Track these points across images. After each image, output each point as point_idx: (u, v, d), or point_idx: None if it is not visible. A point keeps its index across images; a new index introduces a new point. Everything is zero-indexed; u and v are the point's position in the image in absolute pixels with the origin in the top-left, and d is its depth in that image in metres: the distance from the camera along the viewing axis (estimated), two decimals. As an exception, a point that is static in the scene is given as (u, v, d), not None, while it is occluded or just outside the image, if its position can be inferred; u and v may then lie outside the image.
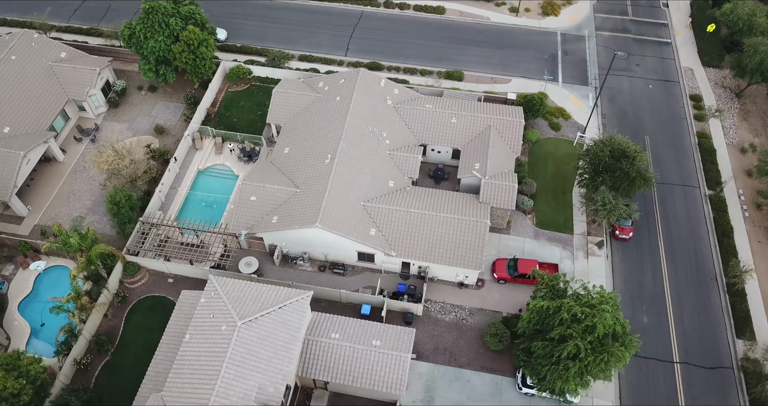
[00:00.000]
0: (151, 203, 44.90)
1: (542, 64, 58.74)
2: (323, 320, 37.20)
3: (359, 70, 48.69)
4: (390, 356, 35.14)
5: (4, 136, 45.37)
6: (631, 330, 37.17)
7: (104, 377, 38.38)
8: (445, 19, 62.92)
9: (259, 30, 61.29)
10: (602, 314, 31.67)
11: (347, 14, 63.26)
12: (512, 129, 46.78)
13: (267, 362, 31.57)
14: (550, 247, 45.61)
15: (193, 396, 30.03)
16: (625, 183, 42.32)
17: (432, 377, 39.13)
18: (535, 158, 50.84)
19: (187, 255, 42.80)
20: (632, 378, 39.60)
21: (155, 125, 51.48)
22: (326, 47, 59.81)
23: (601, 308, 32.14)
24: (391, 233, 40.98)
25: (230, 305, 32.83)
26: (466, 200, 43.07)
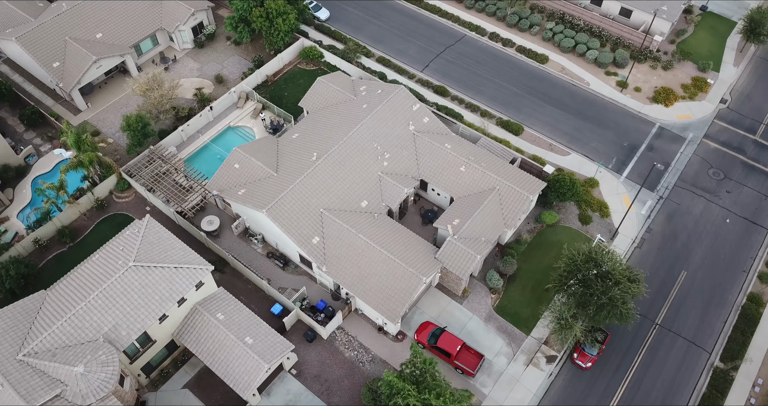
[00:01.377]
0: (168, 137, 49.62)
1: (616, 150, 52.63)
2: (224, 299, 38.57)
3: (399, 87, 48.16)
4: (250, 358, 35.44)
5: (96, 41, 53.05)
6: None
7: (52, 264, 44.02)
8: (542, 69, 59.01)
9: (360, 22, 63.11)
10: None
11: (448, 33, 62.30)
12: (516, 201, 43.11)
13: (134, 307, 33.91)
14: (494, 336, 41.70)
15: (61, 303, 33.57)
16: (593, 307, 36.96)
17: (296, 399, 38.63)
18: (540, 242, 46.32)
19: (169, 194, 46.78)
20: None
21: (218, 74, 56.27)
22: (409, 57, 59.77)
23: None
24: (333, 248, 40.66)
25: (138, 246, 35.67)
26: (422, 250, 41.00)
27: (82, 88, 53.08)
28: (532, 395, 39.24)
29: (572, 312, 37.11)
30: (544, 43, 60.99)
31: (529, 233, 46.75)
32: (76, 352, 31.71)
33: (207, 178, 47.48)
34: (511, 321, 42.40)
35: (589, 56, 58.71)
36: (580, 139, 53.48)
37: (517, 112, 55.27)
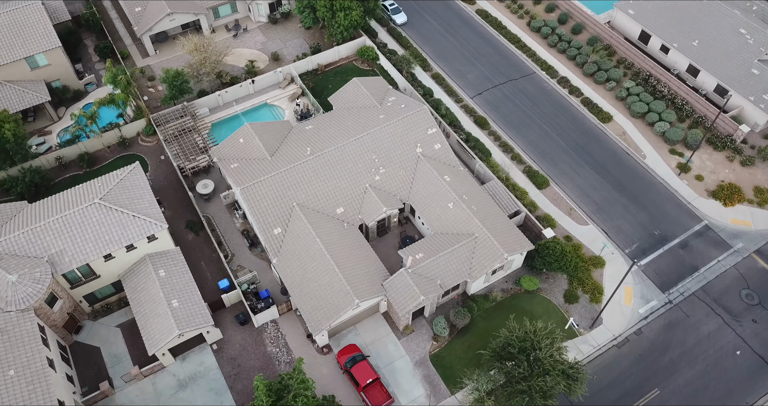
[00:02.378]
0: (204, 99, 52.80)
1: (642, 236, 47.35)
2: (175, 259, 40.69)
3: (422, 107, 47.02)
4: (167, 319, 37.09)
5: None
6: None
7: (65, 182, 48.88)
8: (600, 128, 54.40)
9: (434, 34, 62.33)
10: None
11: (518, 67, 59.49)
12: (490, 255, 40.49)
13: (84, 240, 37.06)
14: (417, 383, 39.85)
15: (29, 217, 37.92)
16: (510, 390, 33.90)
17: (204, 373, 39.78)
18: (510, 305, 43.17)
19: (182, 149, 49.92)
20: None
21: (276, 52, 58.66)
22: (465, 81, 58.09)
23: None
24: (290, 244, 41.07)
25: (111, 187, 38.78)
26: (373, 273, 40.07)
27: (156, 35, 58.05)
28: (427, 457, 37.21)
29: (490, 387, 34.42)
30: (615, 102, 56.16)
31: (503, 293, 43.77)
32: (19, 263, 35.34)
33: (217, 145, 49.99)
34: (441, 374, 40.23)
35: (658, 128, 53.10)
36: (607, 212, 48.81)
37: (551, 165, 51.66)
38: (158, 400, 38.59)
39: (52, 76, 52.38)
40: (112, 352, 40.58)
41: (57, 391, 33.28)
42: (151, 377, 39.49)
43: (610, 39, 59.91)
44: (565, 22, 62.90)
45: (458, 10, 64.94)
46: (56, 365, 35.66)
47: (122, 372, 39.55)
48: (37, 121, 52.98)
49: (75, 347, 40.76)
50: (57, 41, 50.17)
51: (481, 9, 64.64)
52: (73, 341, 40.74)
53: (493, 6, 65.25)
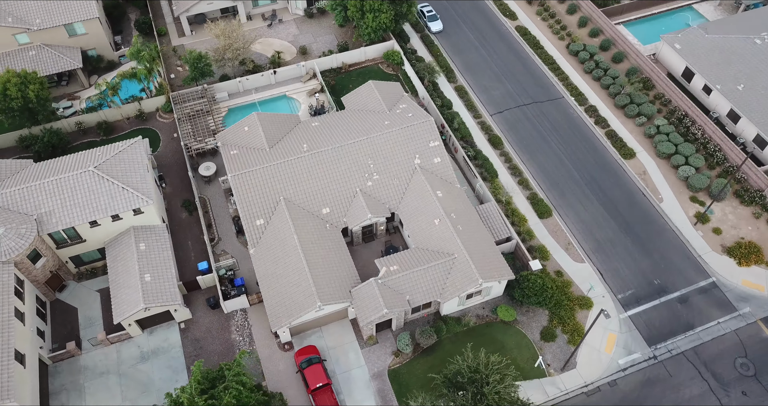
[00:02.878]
0: (225, 83, 54.14)
1: (639, 283, 44.82)
2: (159, 235, 42.01)
3: (428, 118, 46.26)
4: (136, 292, 38.35)
5: (221, -18, 59.41)
6: None
7: (81, 146, 51.25)
8: (620, 163, 51.75)
9: (467, 45, 61.33)
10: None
11: (546, 89, 57.56)
12: (465, 278, 39.40)
13: (72, 204, 38.91)
14: (370, 395, 39.37)
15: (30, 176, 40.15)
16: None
17: (167, 349, 40.81)
18: (481, 332, 41.90)
19: (194, 131, 51.37)
20: None
21: (305, 45, 59.35)
22: (488, 97, 56.80)
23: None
24: (269, 237, 41.46)
25: (108, 158, 40.47)
26: (345, 278, 39.89)
27: (195, 16, 60.01)
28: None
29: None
30: (641, 138, 53.41)
31: (477, 319, 42.56)
32: (8, 217, 37.46)
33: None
34: (396, 390, 39.59)
35: (682, 172, 50.09)
36: (608, 253, 46.52)
37: (558, 195, 49.75)
38: (118, 368, 39.95)
39: (88, 45, 55.14)
40: (88, 315, 42.33)
41: (18, 342, 35.03)
42: (117, 344, 40.93)
43: (651, 72, 57.02)
44: (606, 49, 60.41)
45: (497, 24, 63.66)
46: (27, 318, 37.57)
47: (93, 335, 41.19)
48: (69, 86, 55.92)
49: (55, 304, 42.79)
50: (95, 12, 52.72)
51: (521, 26, 63.05)
52: (55, 299, 42.79)
53: (534, 24, 63.54)
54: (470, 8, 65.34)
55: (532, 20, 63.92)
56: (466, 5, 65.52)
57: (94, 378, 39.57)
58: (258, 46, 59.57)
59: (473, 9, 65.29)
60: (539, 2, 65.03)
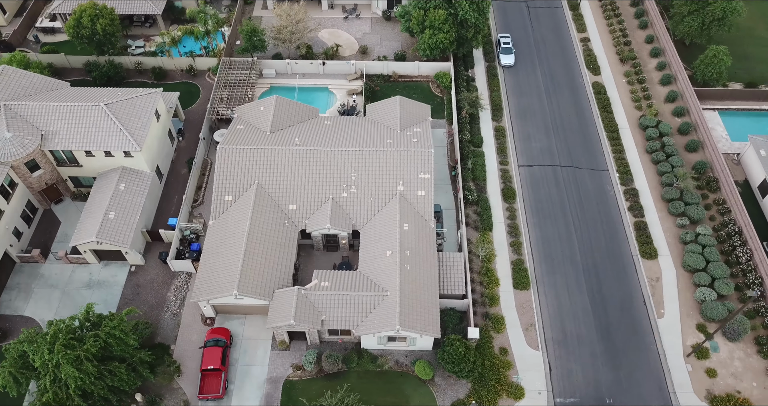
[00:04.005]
0: (274, 61, 56.46)
1: (589, 395, 40.00)
2: (141, 181, 45.27)
3: (428, 150, 44.54)
4: (93, 226, 41.83)
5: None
6: None
7: (130, 84, 56.35)
8: (633, 258, 46.19)
9: (532, 90, 58.07)
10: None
11: (593, 156, 52.82)
12: (384, 320, 37.75)
13: (75, 131, 43.17)
14: (258, 395, 39.53)
15: (55, 97, 44.95)
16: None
17: (109, 287, 44.11)
18: (390, 380, 40.03)
19: (228, 98, 54.25)
20: None
21: (367, 45, 59.84)
22: (527, 147, 53.47)
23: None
24: (230, 215, 42.82)
25: (122, 99, 44.41)
26: (277, 277, 40.20)
27: (280, -6, 63.11)
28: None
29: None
30: (673, 241, 47.13)
31: (395, 365, 40.72)
32: (21, 126, 42.62)
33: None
34: (283, 401, 39.28)
35: (699, 294, 43.47)
36: (570, 349, 41.98)
37: (547, 272, 45.70)
38: (65, 286, 43.98)
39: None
40: (66, 231, 46.95)
41: (-18, 235, 40.12)
42: (75, 265, 45.03)
43: (720, 173, 49.88)
44: (684, 133, 53.88)
45: (575, 74, 59.41)
46: (6, 216, 42.66)
47: (61, 249, 45.77)
48: (150, 29, 61.70)
49: (47, 213, 47.96)
50: (185, -31, 57.53)
51: (600, 83, 58.26)
52: (48, 208, 48.05)
53: (615, 85, 58.42)
54: (555, 51, 61.68)
55: (615, 80, 58.78)
56: (554, 47, 61.91)
57: (43, 287, 43.99)
58: (325, 34, 61.19)
59: (558, 53, 61.55)
60: (633, 64, 59.50)
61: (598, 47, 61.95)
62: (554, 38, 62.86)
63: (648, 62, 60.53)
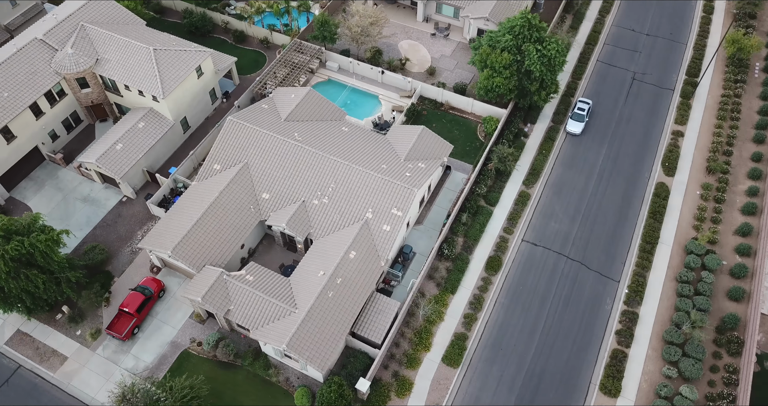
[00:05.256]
0: (340, 56, 57.69)
1: None
2: (160, 125, 49.52)
3: (411, 189, 42.73)
4: (102, 146, 46.88)
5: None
6: None
7: (210, 40, 61.29)
8: (589, 388, 40.69)
9: (582, 163, 52.96)
10: None
11: (611, 259, 47.01)
12: (279, 335, 37.63)
13: (121, 64, 48.37)
14: (157, 353, 41.87)
15: (122, 33, 50.58)
16: None
17: (93, 211, 49.16)
18: (270, 392, 40.03)
19: (282, 76, 56.52)
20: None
21: (435, 66, 58.69)
22: (541, 222, 49.12)
23: None
24: (209, 182, 45.23)
25: (173, 51, 48.69)
26: (218, 253, 41.93)
27: (385, -6, 64.00)
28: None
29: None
30: (646, 387, 40.74)
31: (283, 380, 40.49)
32: (82, 47, 48.74)
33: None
34: (174, 367, 41.08)
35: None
36: None
37: (486, 359, 42.15)
38: (68, 193, 49.56)
39: (285, -31, 64.13)
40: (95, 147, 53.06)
41: (15, 125, 46.71)
42: (83, 178, 50.55)
43: (749, 338, 41.67)
44: (737, 277, 45.66)
45: (641, 168, 52.81)
46: (45, 117, 49.20)
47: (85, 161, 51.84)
48: (255, -6, 66.34)
49: (89, 128, 54.27)
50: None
51: (666, 186, 51.15)
52: (92, 124, 54.44)
53: (683, 193, 50.97)
54: (636, 134, 55.29)
55: (687, 188, 51.33)
56: (637, 130, 55.49)
57: (52, 188, 50.25)
58: (405, 45, 61.01)
59: (638, 137, 55.09)
60: (719, 178, 51.33)
61: (688, 146, 54.34)
62: (643, 120, 56.31)
63: (739, 182, 51.82)
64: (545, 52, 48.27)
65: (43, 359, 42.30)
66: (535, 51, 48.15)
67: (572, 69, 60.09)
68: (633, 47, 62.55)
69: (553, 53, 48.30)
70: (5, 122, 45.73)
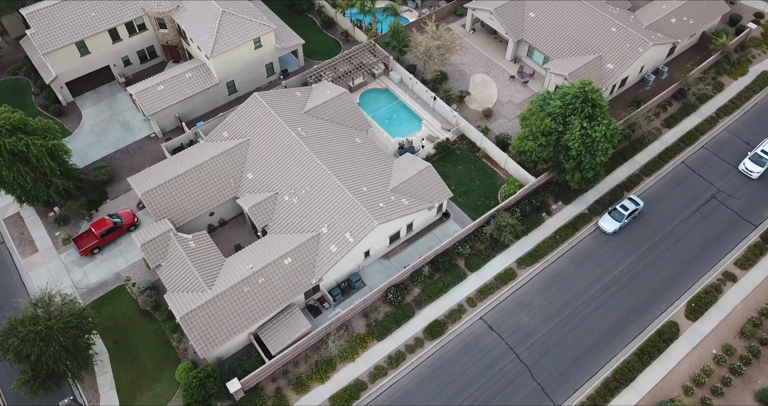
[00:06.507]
0: (402, 69, 57.25)
1: None
2: (204, 80, 53.26)
3: (373, 223, 41.32)
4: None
5: (531, 19, 58.15)
6: None
7: (300, 19, 64.28)
8: None
9: (597, 270, 47.43)
10: None
11: (560, 385, 41.67)
12: (189, 300, 39.27)
13: (194, 20, 52.77)
14: (101, 274, 46.02)
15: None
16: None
17: (132, 130, 54.83)
18: (154, 351, 42.00)
19: (344, 73, 57.35)
20: None
21: (496, 112, 55.76)
22: (511, 312, 45.04)
23: None
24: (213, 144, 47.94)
25: (238, 19, 51.86)
26: (187, 209, 44.74)
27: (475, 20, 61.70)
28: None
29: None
30: None
31: (182, 350, 42.25)
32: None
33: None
34: (106, 295, 45.01)
35: None
36: None
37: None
38: (113, 114, 55.72)
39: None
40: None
41: (90, 43, 53.25)
42: (131, 104, 56.37)
43: None
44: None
45: (656, 298, 45.66)
46: (122, 44, 55.30)
47: (141, 91, 57.67)
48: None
49: (161, 64, 59.82)
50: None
51: (676, 329, 44.09)
52: (165, 61, 59.91)
53: (693, 346, 43.41)
54: (674, 259, 47.69)
55: (701, 342, 43.54)
56: (678, 256, 47.83)
57: (104, 105, 56.58)
58: (477, 78, 58.65)
59: (675, 263, 47.53)
60: (750, 347, 42.90)
61: (733, 295, 45.67)
62: (697, 246, 48.25)
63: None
64: (590, 132, 43.46)
65: (21, 243, 48.52)
66: (580, 127, 43.59)
67: (645, 162, 53.24)
68: (735, 161, 53.69)
69: (598, 136, 43.32)
70: (81, 37, 52.31)
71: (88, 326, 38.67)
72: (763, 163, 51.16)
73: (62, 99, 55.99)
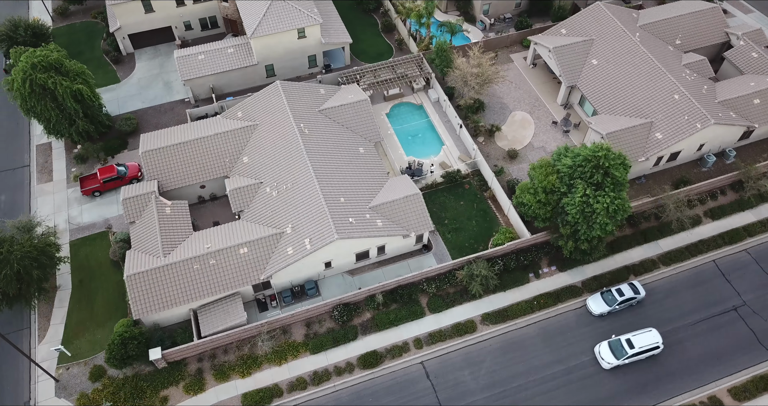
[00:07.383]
0: (440, 90, 55.83)
1: None
2: (245, 58, 55.09)
3: (334, 237, 40.81)
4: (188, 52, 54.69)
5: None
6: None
7: (353, 14, 64.82)
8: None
9: (579, 347, 43.53)
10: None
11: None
12: (142, 262, 41.28)
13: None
14: (94, 216, 49.53)
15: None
16: None
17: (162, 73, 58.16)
18: (109, 303, 44.53)
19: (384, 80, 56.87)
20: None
21: (522, 155, 52.98)
22: (474, 370, 42.66)
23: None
24: (222, 122, 49.69)
25: (294, 4, 53.00)
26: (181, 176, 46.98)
27: (548, 60, 58.54)
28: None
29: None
30: None
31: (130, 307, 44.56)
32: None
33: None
34: (88, 240, 48.46)
35: None
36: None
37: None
38: (160, 72, 59.50)
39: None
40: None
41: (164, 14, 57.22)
42: (174, 68, 59.45)
43: None
44: None
45: (625, 394, 41.43)
46: (185, 10, 58.78)
47: (194, 56, 60.89)
48: None
49: (222, 34, 62.78)
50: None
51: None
52: (225, 33, 62.68)
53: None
54: (656, 372, 42.95)
55: None
56: (671, 369, 43.11)
57: (158, 62, 60.61)
58: (517, 115, 55.93)
59: (660, 376, 42.83)
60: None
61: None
62: (686, 359, 42.53)
63: None
64: (592, 201, 39.88)
65: (41, 170, 53.26)
66: (582, 193, 40.15)
67: (669, 249, 47.99)
68: (778, 279, 47.02)
69: (599, 208, 39.63)
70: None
71: (46, 262, 41.67)
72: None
73: (123, 49, 60.47)
